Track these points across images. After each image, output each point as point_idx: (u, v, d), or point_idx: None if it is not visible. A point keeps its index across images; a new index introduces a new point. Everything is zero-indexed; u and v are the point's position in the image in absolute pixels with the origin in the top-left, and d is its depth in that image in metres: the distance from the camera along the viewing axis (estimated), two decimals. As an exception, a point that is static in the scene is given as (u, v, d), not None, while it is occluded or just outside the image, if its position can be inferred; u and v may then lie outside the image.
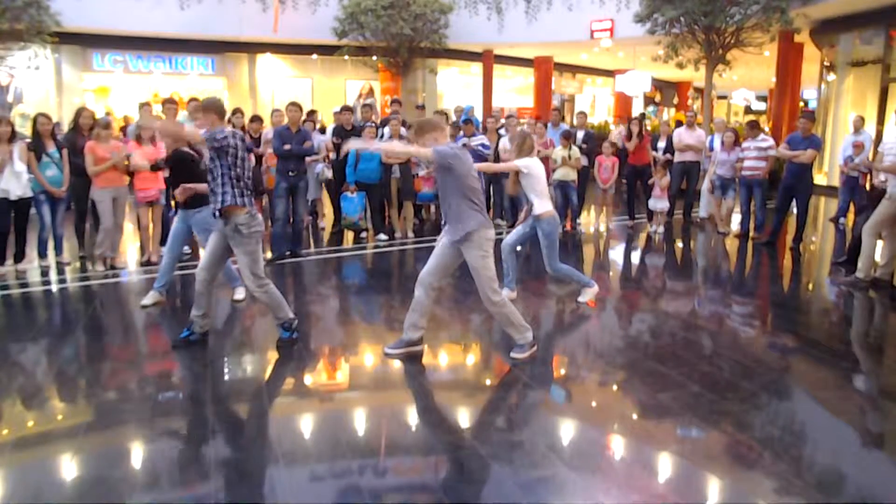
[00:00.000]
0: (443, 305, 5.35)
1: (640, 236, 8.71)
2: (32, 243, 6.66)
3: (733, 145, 8.40)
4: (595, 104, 24.52)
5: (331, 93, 17.77)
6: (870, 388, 3.98)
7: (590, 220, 9.61)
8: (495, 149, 8.64)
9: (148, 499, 2.69)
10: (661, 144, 9.39)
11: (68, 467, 2.95)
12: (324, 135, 8.87)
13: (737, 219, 8.99)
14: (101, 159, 6.31)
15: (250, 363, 4.33)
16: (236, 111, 8.48)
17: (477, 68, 18.68)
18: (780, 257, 7.54)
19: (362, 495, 2.72)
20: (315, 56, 17.30)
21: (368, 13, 14.29)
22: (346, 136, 8.26)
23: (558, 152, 8.39)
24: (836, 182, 10.72)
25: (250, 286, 4.32)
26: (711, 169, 8.83)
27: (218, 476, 2.85)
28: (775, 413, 3.50)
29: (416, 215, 8.99)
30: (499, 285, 4.16)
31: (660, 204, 8.71)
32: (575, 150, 8.39)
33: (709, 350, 4.48)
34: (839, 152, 10.20)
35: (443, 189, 4.05)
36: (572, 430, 3.40)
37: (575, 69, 22.21)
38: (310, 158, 7.42)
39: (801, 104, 17.27)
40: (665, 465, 2.99)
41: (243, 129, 8.21)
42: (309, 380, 4.01)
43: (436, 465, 3.02)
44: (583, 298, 5.41)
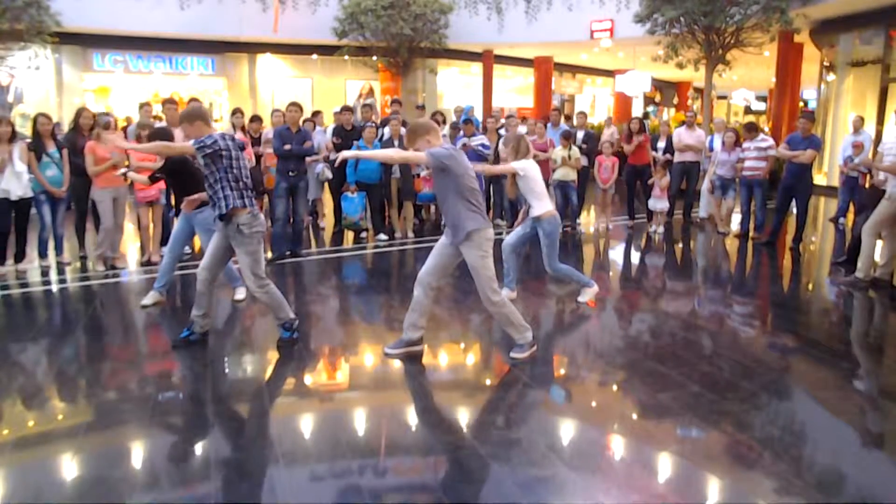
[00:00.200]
0: (442, 305, 5.35)
1: (640, 236, 8.71)
2: (33, 243, 6.67)
3: (734, 145, 8.41)
4: (595, 104, 24.53)
5: (331, 93, 17.78)
6: (870, 388, 3.98)
7: (590, 220, 9.62)
8: (495, 149, 8.63)
9: (148, 499, 2.69)
10: (661, 144, 9.39)
11: (68, 467, 2.95)
12: (324, 134, 8.87)
13: (737, 219, 8.99)
14: (102, 159, 6.31)
15: (251, 363, 4.33)
16: (236, 111, 8.49)
17: (477, 68, 18.69)
18: (779, 257, 7.54)
19: (362, 495, 2.73)
20: (315, 56, 17.31)
21: (368, 13, 14.30)
22: (346, 136, 8.28)
23: (558, 152, 8.40)
24: (836, 182, 10.72)
25: (251, 286, 4.32)
26: (711, 169, 8.83)
27: (218, 476, 2.86)
28: (775, 413, 3.50)
29: (416, 215, 8.99)
30: (498, 285, 4.16)
31: (659, 204, 8.72)
32: (575, 150, 8.41)
33: (709, 350, 4.48)
34: (839, 152, 10.21)
35: (441, 190, 4.04)
36: (572, 429, 3.40)
37: (575, 69, 22.22)
38: (310, 158, 7.42)
39: (800, 104, 17.27)
40: (665, 465, 2.99)
41: (243, 129, 8.22)
42: (309, 380, 4.01)
43: (436, 465, 3.02)
44: (583, 298, 5.42)
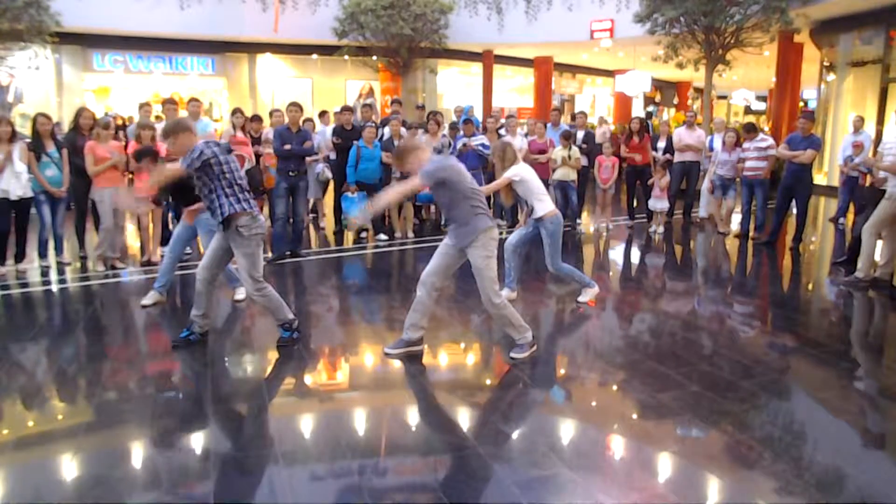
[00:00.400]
0: (443, 305, 5.35)
1: (640, 236, 8.71)
2: (33, 243, 6.67)
3: (734, 145, 8.40)
4: (595, 104, 24.53)
5: (331, 93, 17.78)
6: (870, 388, 3.97)
7: (590, 220, 9.62)
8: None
9: (148, 499, 2.69)
10: (661, 144, 9.39)
11: (68, 467, 2.95)
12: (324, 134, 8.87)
13: (737, 219, 8.99)
14: (101, 159, 6.31)
15: (250, 363, 4.33)
16: (236, 111, 8.48)
17: (477, 68, 18.69)
18: (779, 257, 7.53)
19: (362, 495, 2.72)
20: (315, 56, 17.31)
21: (368, 13, 14.31)
22: (346, 135, 8.28)
23: (558, 152, 8.40)
24: (836, 182, 10.73)
25: (248, 289, 4.31)
26: (711, 169, 8.83)
27: (218, 476, 2.85)
28: (775, 413, 3.50)
29: (416, 215, 9.00)
30: (499, 286, 4.16)
31: (660, 204, 8.72)
32: (575, 150, 8.40)
33: (709, 350, 4.48)
34: (839, 152, 10.21)
35: (444, 200, 4.02)
36: (572, 429, 3.40)
37: (575, 69, 22.21)
38: (310, 158, 7.42)
39: (800, 104, 17.25)
40: (665, 465, 2.99)
41: (243, 129, 8.21)
42: (309, 380, 4.01)
43: (436, 465, 3.01)
44: (583, 298, 5.42)
